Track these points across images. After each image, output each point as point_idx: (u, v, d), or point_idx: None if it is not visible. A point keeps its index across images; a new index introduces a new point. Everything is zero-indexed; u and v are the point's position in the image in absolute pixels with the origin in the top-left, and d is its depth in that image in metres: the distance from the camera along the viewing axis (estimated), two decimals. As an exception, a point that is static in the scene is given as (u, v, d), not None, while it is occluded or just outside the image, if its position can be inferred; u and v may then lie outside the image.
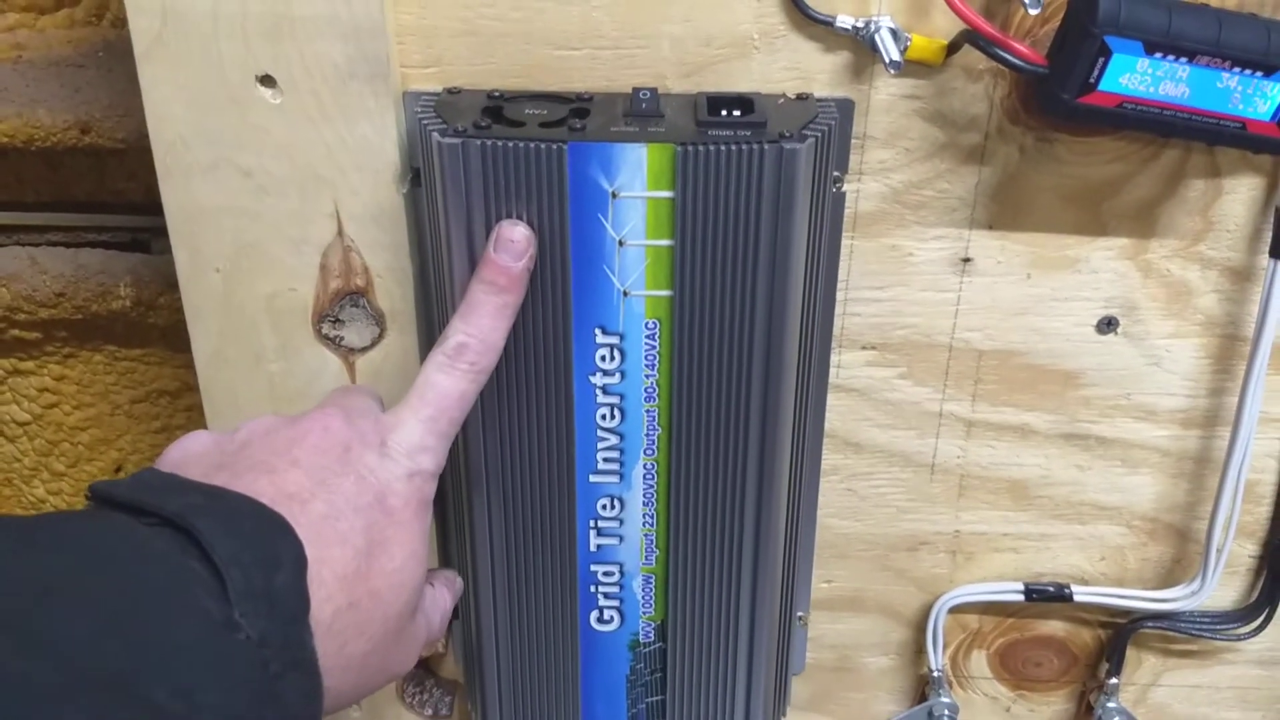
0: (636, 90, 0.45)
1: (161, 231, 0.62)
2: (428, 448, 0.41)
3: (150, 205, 0.65)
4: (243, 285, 0.51)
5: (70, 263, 0.65)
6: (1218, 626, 0.59)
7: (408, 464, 0.40)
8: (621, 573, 0.53)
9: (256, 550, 0.33)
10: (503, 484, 0.50)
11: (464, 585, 0.54)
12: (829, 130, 0.46)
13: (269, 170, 0.48)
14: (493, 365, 0.43)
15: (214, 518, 0.33)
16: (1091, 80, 0.42)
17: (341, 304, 0.52)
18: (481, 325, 0.43)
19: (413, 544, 0.40)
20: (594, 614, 0.54)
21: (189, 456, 0.40)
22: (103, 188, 0.65)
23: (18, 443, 0.75)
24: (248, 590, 0.32)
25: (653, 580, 0.53)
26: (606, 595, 0.53)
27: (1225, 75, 0.42)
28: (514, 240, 0.44)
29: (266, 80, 0.47)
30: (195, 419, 0.73)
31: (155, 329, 0.68)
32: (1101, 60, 0.41)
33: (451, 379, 0.42)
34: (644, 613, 0.54)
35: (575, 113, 0.45)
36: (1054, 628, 0.61)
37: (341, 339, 0.52)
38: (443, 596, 0.46)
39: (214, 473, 0.38)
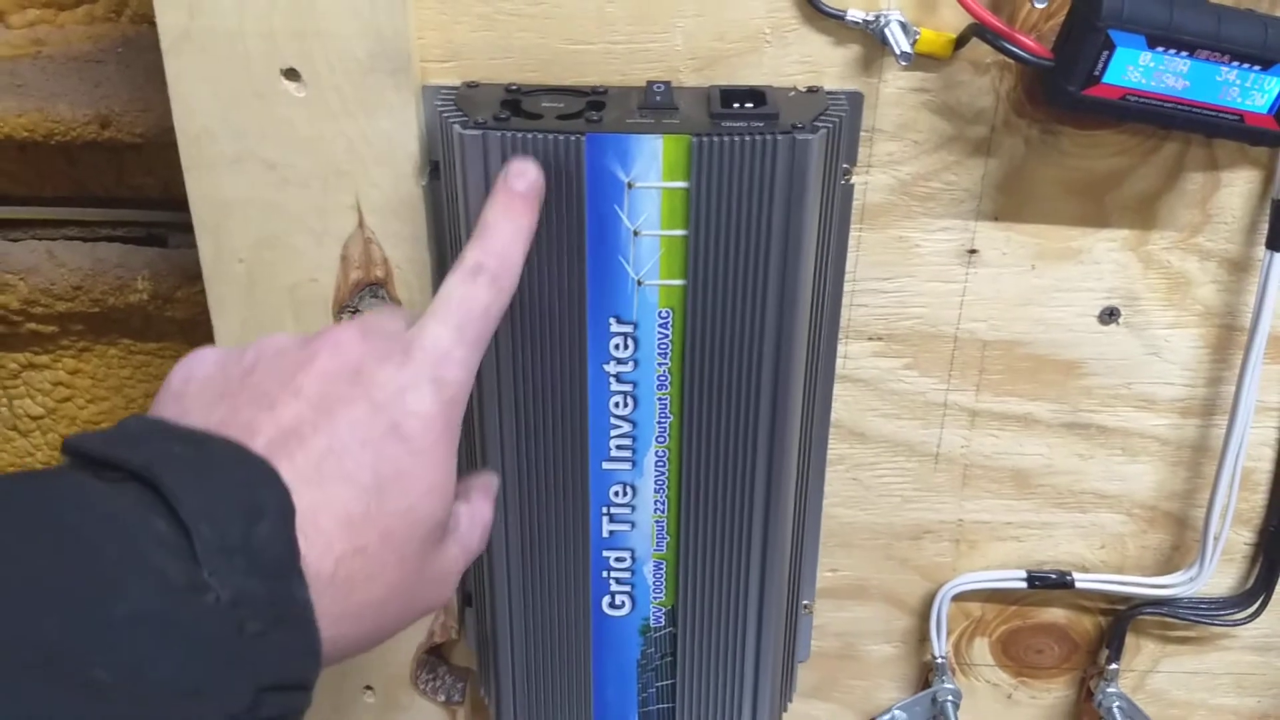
0: (651, 83, 0.46)
1: (178, 226, 0.63)
2: (453, 356, 0.38)
3: (167, 200, 0.66)
4: (265, 276, 0.52)
5: (88, 256, 0.66)
6: (1215, 612, 0.60)
7: (431, 371, 0.37)
8: (633, 558, 0.54)
9: (233, 501, 0.30)
10: (517, 470, 0.51)
11: (480, 572, 0.55)
12: (839, 122, 0.47)
13: (292, 163, 0.50)
14: (513, 286, 0.41)
15: (186, 469, 0.30)
16: (1095, 73, 0.43)
17: (361, 295, 0.53)
18: (498, 243, 0.41)
19: (432, 475, 0.36)
20: (606, 599, 0.55)
21: (192, 382, 0.38)
22: (120, 183, 0.66)
23: (30, 437, 0.76)
24: (221, 546, 0.29)
25: (663, 566, 0.54)
26: (618, 581, 0.54)
27: (1224, 69, 0.43)
28: (525, 172, 0.43)
29: (291, 74, 0.48)
30: (208, 412, 0.74)
31: (172, 322, 0.69)
32: (1105, 53, 0.43)
33: (473, 290, 0.39)
34: (655, 598, 0.55)
35: (591, 105, 0.46)
36: (1055, 615, 0.62)
37: (359, 329, 0.53)
38: (480, 510, 0.42)
39: (215, 404, 0.35)
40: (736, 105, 0.46)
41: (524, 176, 0.43)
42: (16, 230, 0.67)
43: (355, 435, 0.34)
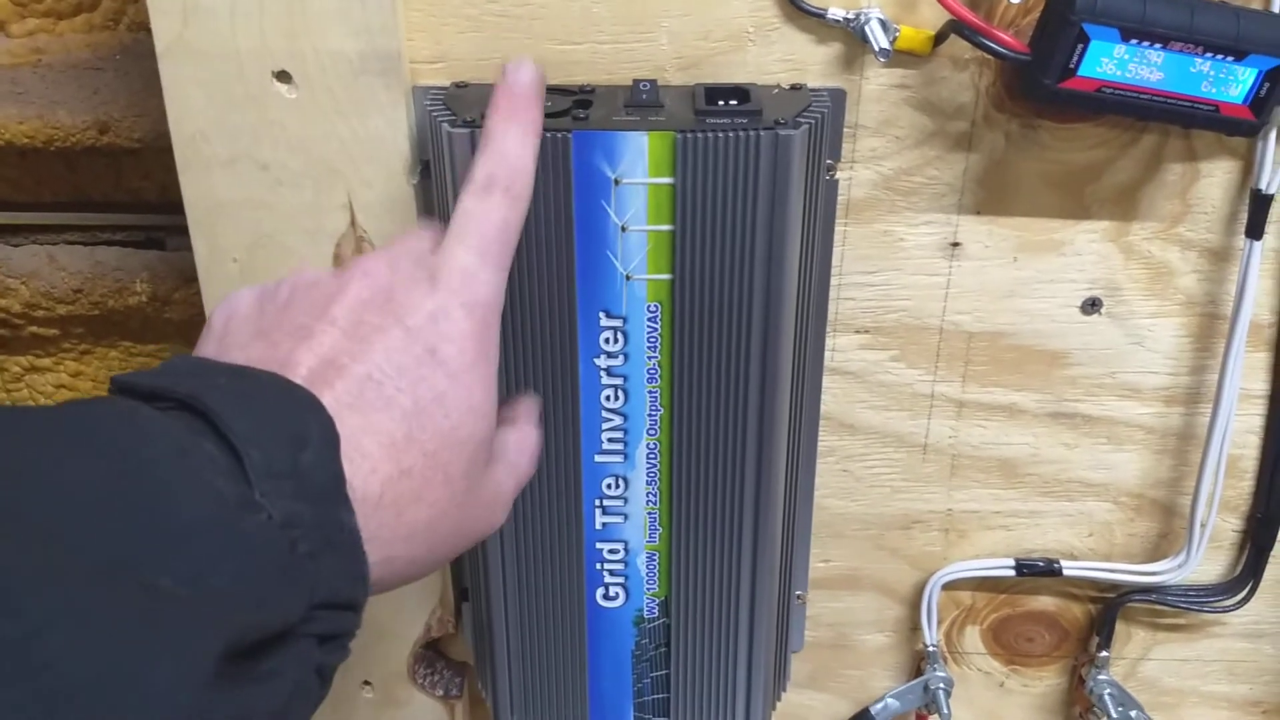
0: (637, 82, 0.47)
1: (176, 229, 0.64)
2: (479, 278, 0.38)
3: (165, 204, 0.67)
4: (260, 275, 0.53)
5: (87, 260, 0.67)
6: (1204, 599, 0.60)
7: (462, 294, 0.37)
8: (626, 550, 0.55)
9: (279, 428, 0.31)
10: (511, 465, 0.52)
11: (475, 565, 0.56)
12: (822, 118, 0.48)
13: (285, 164, 0.50)
14: (528, 192, 0.41)
15: (232, 397, 0.31)
16: (1071, 66, 0.44)
17: (354, 293, 0.54)
18: (506, 151, 0.40)
19: (471, 396, 0.36)
20: (600, 591, 0.56)
21: (233, 319, 0.38)
22: (119, 187, 0.67)
23: (34, 439, 0.77)
24: (269, 470, 0.30)
25: (656, 557, 0.55)
26: (612, 572, 0.55)
27: (1198, 60, 0.44)
28: (521, 68, 0.42)
29: (283, 76, 0.49)
30: (208, 413, 0.75)
31: (171, 324, 0.70)
32: (1080, 47, 0.43)
33: (488, 205, 0.39)
34: (648, 589, 0.56)
35: (578, 104, 0.47)
36: (1045, 603, 0.63)
37: (354, 327, 0.54)
38: (526, 435, 0.43)
39: (254, 339, 0.36)
40: (721, 102, 0.47)
41: (520, 73, 0.41)
42: (17, 235, 0.68)
43: (392, 361, 0.35)
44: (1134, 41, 0.43)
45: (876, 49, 0.46)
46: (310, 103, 0.49)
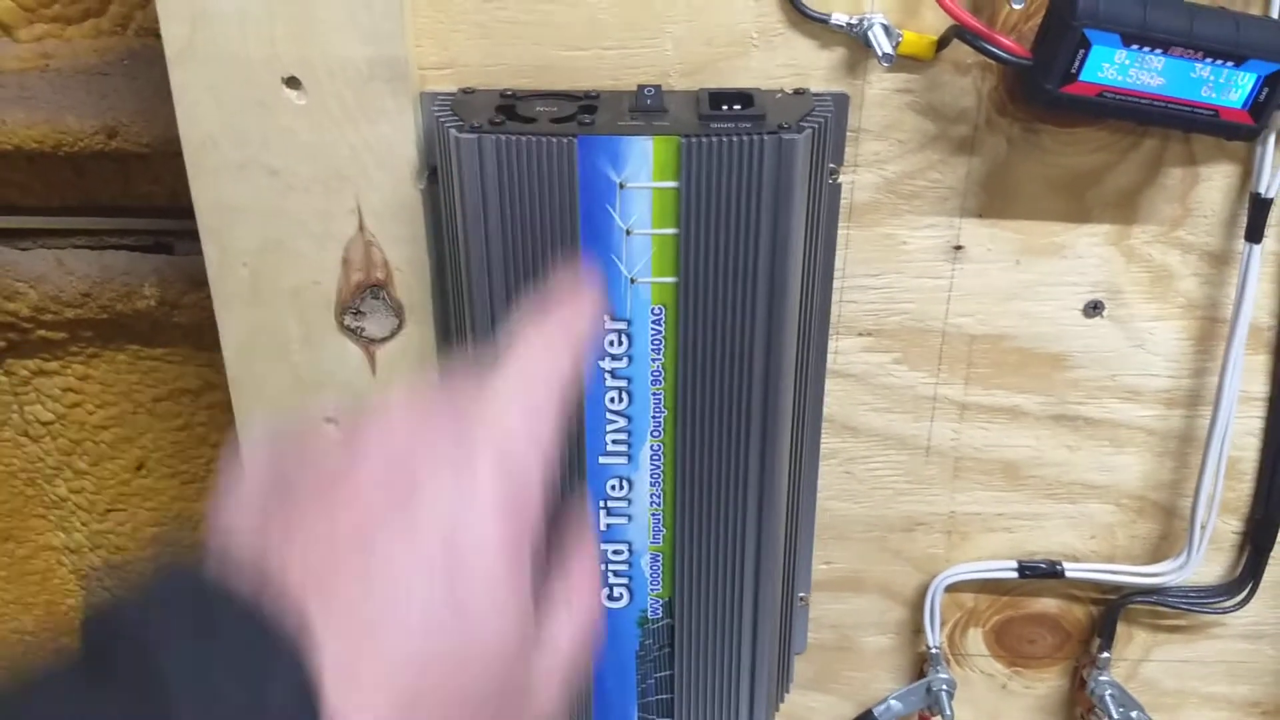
0: (641, 87, 0.48)
1: (185, 234, 0.64)
2: (521, 430, 0.30)
3: (174, 208, 0.67)
4: (269, 279, 0.53)
5: (95, 264, 0.68)
6: (1204, 601, 0.61)
7: (498, 445, 0.30)
8: (630, 551, 0.55)
9: (241, 693, 0.26)
10: (517, 466, 0.53)
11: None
12: (825, 122, 0.48)
13: (295, 169, 0.51)
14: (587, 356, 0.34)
15: (192, 672, 0.26)
16: (1073, 71, 0.45)
17: (363, 296, 0.54)
18: (580, 309, 0.34)
19: (496, 597, 0.29)
20: (604, 591, 0.56)
21: (240, 493, 0.32)
22: (127, 192, 0.68)
23: (41, 442, 0.77)
24: None
25: (660, 558, 0.55)
26: (616, 573, 0.56)
27: (1198, 65, 0.44)
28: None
29: (292, 82, 0.49)
30: (217, 417, 0.75)
31: (179, 328, 0.71)
32: (1081, 52, 0.44)
33: (552, 352, 0.32)
34: (652, 590, 0.56)
35: (584, 109, 0.48)
36: (1047, 605, 0.63)
37: (363, 330, 0.55)
38: (582, 610, 0.33)
39: (252, 529, 0.30)
40: (725, 107, 0.48)
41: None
42: (26, 240, 0.68)
43: (400, 561, 0.28)
44: (1135, 47, 0.44)
45: (879, 54, 0.47)
46: (319, 109, 0.49)
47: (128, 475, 0.79)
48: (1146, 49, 0.44)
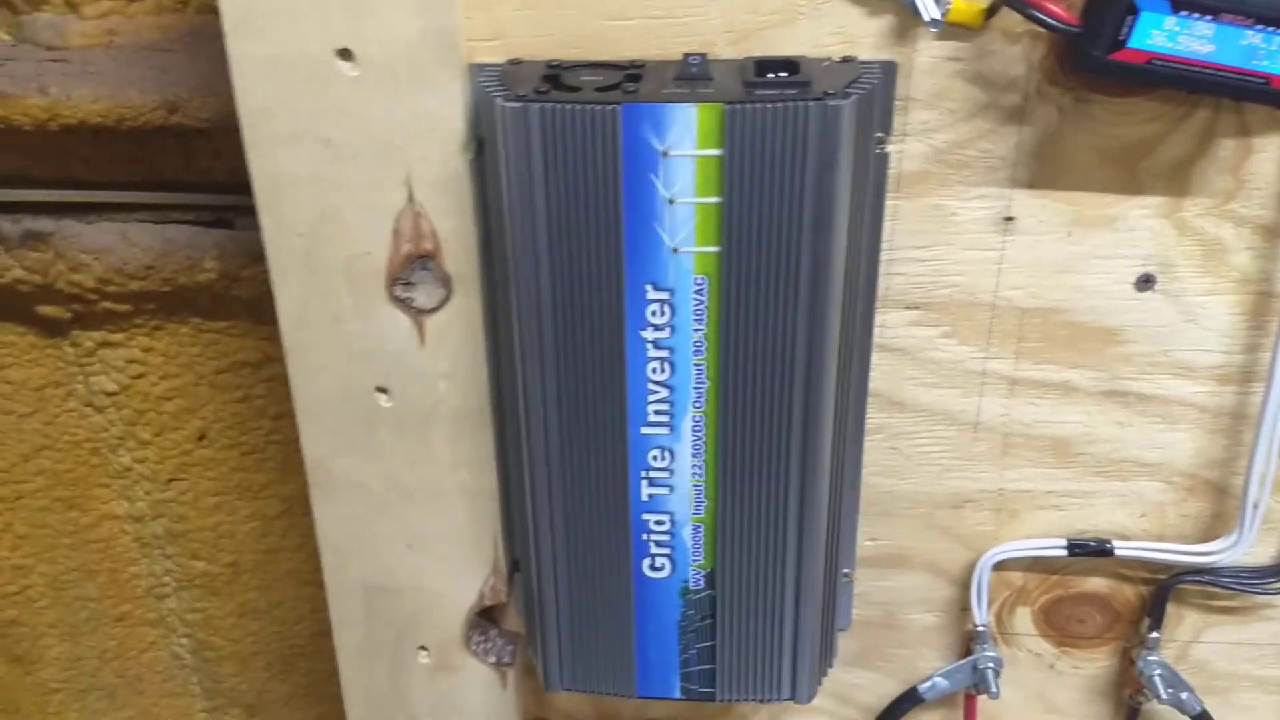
0: (687, 56, 0.48)
1: (244, 209, 0.66)
2: None
3: (234, 184, 0.69)
4: (322, 249, 0.54)
5: (158, 237, 0.70)
6: (1257, 581, 0.60)
7: None
8: (672, 521, 0.55)
9: None
10: (560, 435, 0.53)
11: (525, 536, 0.57)
12: (872, 90, 0.48)
13: (346, 140, 0.52)
14: None
15: None
16: (1121, 38, 0.44)
17: (412, 267, 0.55)
18: None
19: None
20: (646, 561, 0.57)
21: None
22: (189, 167, 0.69)
23: (105, 413, 0.79)
24: None
25: (702, 529, 0.55)
26: (658, 543, 0.56)
27: (1249, 32, 0.44)
28: None
29: (344, 54, 0.50)
30: (275, 389, 0.77)
31: (239, 301, 0.72)
32: (1130, 18, 0.43)
33: None
34: (694, 560, 0.56)
35: (629, 78, 0.48)
36: (1096, 585, 0.63)
37: (412, 300, 0.56)
38: None
39: None
40: (770, 75, 0.48)
41: None
42: (91, 213, 0.70)
43: None
44: (1184, 13, 0.43)
45: (927, 19, 0.47)
46: (371, 80, 0.50)
47: (189, 445, 0.81)
48: (1195, 15, 0.43)
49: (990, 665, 0.62)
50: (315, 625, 0.90)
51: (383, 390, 0.58)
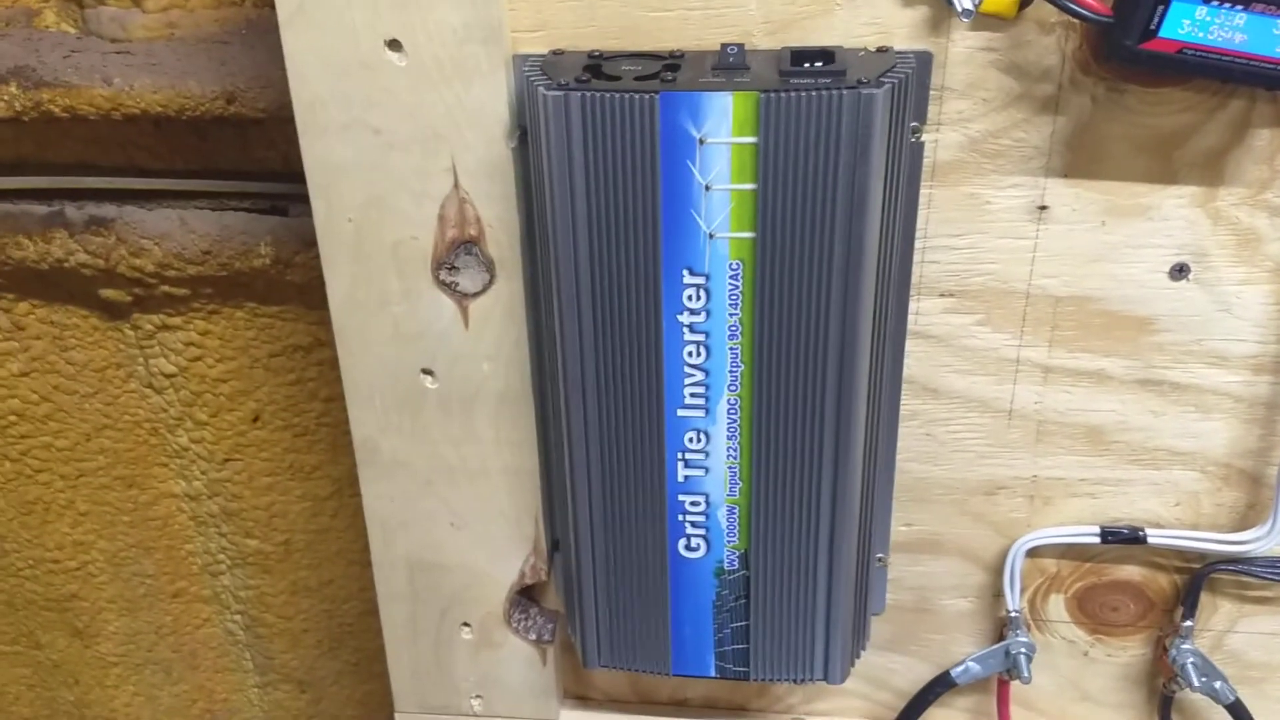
0: (725, 46, 0.49)
1: (298, 197, 0.68)
2: None
3: (288, 173, 0.71)
4: (371, 234, 0.56)
5: (216, 224, 0.72)
6: (1293, 572, 0.60)
7: None
8: (707, 503, 0.57)
9: None
10: (598, 417, 0.55)
11: (565, 516, 0.59)
12: (906, 79, 0.49)
13: (395, 128, 0.54)
14: None
15: None
16: (1152, 27, 0.45)
17: (457, 252, 0.57)
18: None
19: None
20: (682, 542, 0.58)
21: None
22: (245, 156, 0.72)
23: (164, 394, 0.82)
24: None
25: (737, 511, 0.57)
26: (693, 524, 0.57)
27: (1282, 21, 0.44)
28: None
29: (394, 45, 0.52)
30: (326, 373, 0.79)
31: (292, 286, 0.74)
32: (1161, 8, 0.44)
33: None
34: (729, 541, 0.57)
35: (668, 68, 0.49)
36: (1130, 573, 0.63)
37: (457, 284, 0.57)
38: None
39: None
40: (806, 64, 0.49)
41: None
42: (152, 201, 0.73)
43: None
44: (1215, 3, 0.44)
45: (959, 9, 0.47)
46: (418, 70, 0.52)
47: (244, 427, 0.83)
48: (1227, 5, 0.44)
49: (1023, 650, 0.63)
50: (364, 604, 0.92)
51: (428, 372, 0.60)
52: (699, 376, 0.53)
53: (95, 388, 0.82)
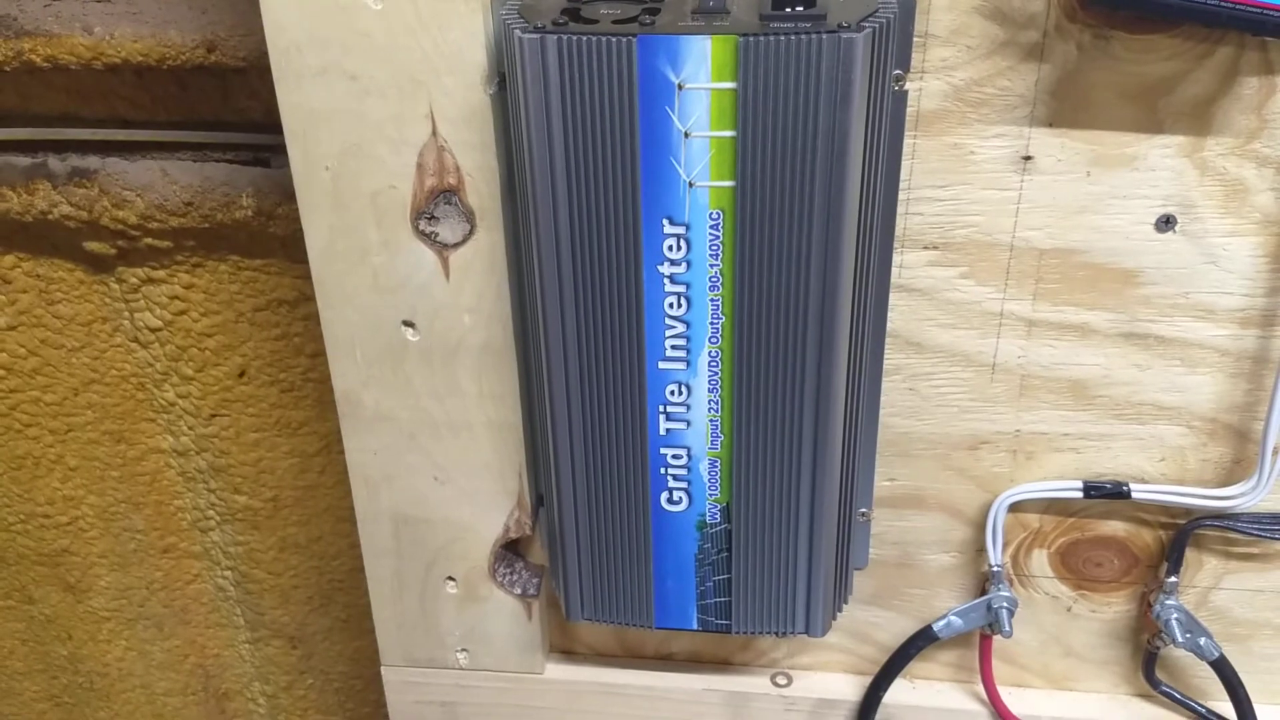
0: (704, -10, 0.48)
1: (279, 148, 0.67)
2: None
3: (269, 124, 0.70)
4: (349, 183, 0.56)
5: (197, 175, 0.71)
6: (1277, 528, 0.60)
7: None
8: (689, 456, 0.56)
9: None
10: (579, 370, 0.54)
11: (548, 470, 0.59)
12: (887, 24, 0.48)
13: (371, 74, 0.53)
14: None
15: None
16: (1137, -30, 0.44)
17: (436, 201, 0.56)
18: None
19: None
20: (664, 495, 0.58)
21: None
22: (227, 107, 0.71)
23: (150, 348, 0.82)
24: None
25: (718, 464, 0.56)
26: (675, 477, 0.57)
27: (1270, -37, 0.43)
28: None
29: (368, -13, 0.51)
30: (311, 327, 0.79)
31: (275, 239, 0.74)
32: (1146, -50, 0.43)
33: None
34: (710, 494, 0.57)
35: (647, 11, 0.49)
36: (1114, 528, 0.63)
37: (436, 235, 0.57)
38: None
39: None
40: (787, 9, 0.48)
41: None
42: (134, 152, 0.72)
43: None
44: (1202, -58, 0.43)
45: (941, -45, 0.47)
46: (394, 13, 0.51)
47: (230, 382, 0.83)
48: (1216, -56, 0.43)
49: (1005, 605, 0.63)
50: (352, 561, 0.92)
51: (409, 324, 0.59)
52: (680, 329, 0.53)
53: (82, 341, 0.82)
